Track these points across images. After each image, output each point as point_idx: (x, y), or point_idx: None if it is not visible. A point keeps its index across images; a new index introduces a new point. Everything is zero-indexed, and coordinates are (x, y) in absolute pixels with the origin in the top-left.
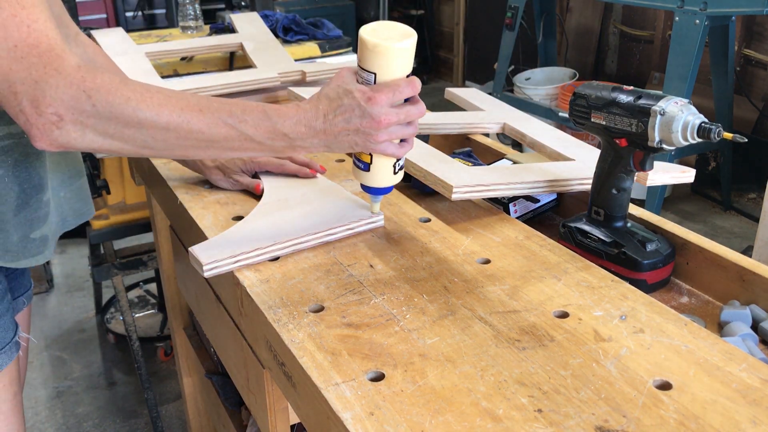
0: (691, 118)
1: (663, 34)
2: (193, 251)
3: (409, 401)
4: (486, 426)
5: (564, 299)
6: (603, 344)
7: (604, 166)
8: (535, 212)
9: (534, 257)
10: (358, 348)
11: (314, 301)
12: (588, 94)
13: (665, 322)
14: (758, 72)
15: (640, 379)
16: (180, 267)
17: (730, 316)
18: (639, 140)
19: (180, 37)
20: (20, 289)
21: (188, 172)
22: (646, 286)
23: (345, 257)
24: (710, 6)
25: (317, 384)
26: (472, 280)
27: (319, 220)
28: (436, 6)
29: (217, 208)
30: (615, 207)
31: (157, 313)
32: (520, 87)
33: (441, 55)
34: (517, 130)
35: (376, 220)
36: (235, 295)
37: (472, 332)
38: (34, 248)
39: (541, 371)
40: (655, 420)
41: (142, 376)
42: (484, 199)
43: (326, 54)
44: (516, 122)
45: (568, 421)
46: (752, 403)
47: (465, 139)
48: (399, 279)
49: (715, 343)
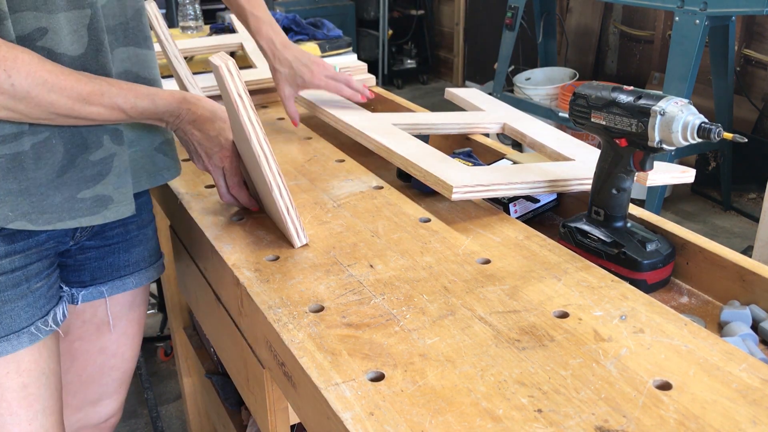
0: (691, 118)
1: (663, 34)
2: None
3: (409, 401)
4: (486, 426)
5: (564, 299)
6: (603, 344)
7: (604, 166)
8: (535, 212)
9: (534, 257)
10: (358, 348)
11: (314, 301)
12: (588, 94)
13: (665, 322)
14: (758, 72)
15: (640, 379)
16: (180, 267)
17: (730, 316)
18: (639, 140)
19: (180, 37)
20: (106, 274)
21: (188, 172)
22: (646, 286)
23: (345, 257)
24: (710, 6)
25: (317, 384)
26: (472, 280)
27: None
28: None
29: (217, 208)
30: (615, 207)
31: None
32: (520, 87)
33: (441, 55)
34: (517, 130)
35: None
36: (235, 295)
37: (472, 332)
38: (86, 208)
39: (541, 371)
40: (655, 420)
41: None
42: (484, 199)
43: (326, 54)
44: (516, 122)
45: (568, 421)
46: (752, 403)
47: (465, 139)
48: (399, 279)
49: (715, 343)
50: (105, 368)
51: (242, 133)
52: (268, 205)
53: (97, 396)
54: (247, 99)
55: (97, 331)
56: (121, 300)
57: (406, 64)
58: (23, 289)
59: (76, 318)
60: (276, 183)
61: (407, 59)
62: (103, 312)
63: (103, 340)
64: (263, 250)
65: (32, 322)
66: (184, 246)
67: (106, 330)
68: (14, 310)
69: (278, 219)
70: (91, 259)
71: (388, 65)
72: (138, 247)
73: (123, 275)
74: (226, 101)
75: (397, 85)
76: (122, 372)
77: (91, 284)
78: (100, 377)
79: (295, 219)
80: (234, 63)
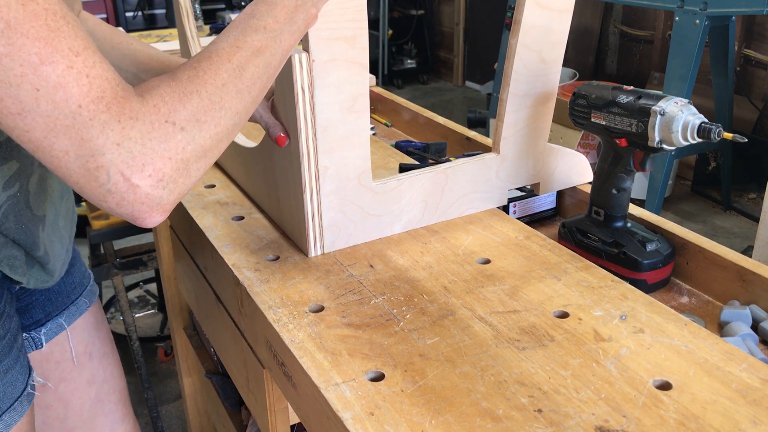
0: (691, 118)
1: (663, 34)
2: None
3: (409, 401)
4: (486, 426)
5: (564, 299)
6: (603, 344)
7: (604, 166)
8: (533, 217)
9: (534, 257)
10: (358, 348)
11: (314, 301)
12: (588, 94)
13: (665, 322)
14: (758, 72)
15: (640, 379)
16: (180, 267)
17: (730, 316)
18: (639, 140)
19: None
20: (58, 304)
21: None
22: (646, 286)
23: (345, 257)
24: (710, 6)
25: (317, 384)
26: (472, 280)
27: None
28: (436, 6)
29: (217, 208)
30: (615, 207)
31: (157, 313)
32: None
33: (441, 55)
34: None
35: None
36: (235, 295)
37: (472, 332)
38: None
39: (541, 371)
40: (655, 420)
41: (142, 376)
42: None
43: None
44: None
45: (568, 421)
46: (752, 403)
47: (465, 140)
48: (399, 279)
49: (715, 343)
50: (102, 396)
51: (294, 127)
52: (285, 207)
53: (108, 427)
54: (309, 95)
55: (77, 366)
56: (82, 325)
57: (406, 64)
58: (15, 352)
59: (47, 362)
60: (311, 185)
61: (407, 59)
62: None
63: (87, 371)
64: (263, 250)
65: (26, 383)
66: (184, 246)
67: (84, 360)
68: (14, 375)
69: (294, 222)
70: (37, 294)
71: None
72: (75, 266)
73: (74, 299)
74: (282, 92)
75: (397, 85)
76: (119, 392)
77: (47, 320)
78: (101, 407)
79: (317, 227)
80: (307, 56)
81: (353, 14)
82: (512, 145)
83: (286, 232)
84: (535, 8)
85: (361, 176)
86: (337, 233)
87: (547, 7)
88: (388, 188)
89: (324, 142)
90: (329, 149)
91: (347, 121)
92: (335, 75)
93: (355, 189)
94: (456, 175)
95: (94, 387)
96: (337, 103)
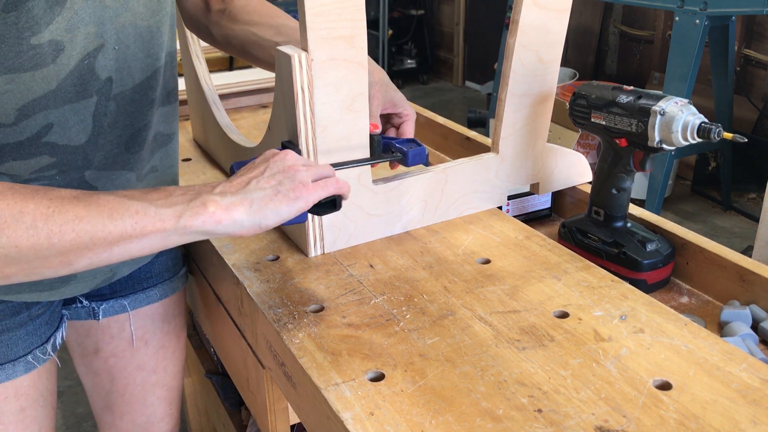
0: (691, 118)
1: (663, 34)
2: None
3: (409, 401)
4: (486, 426)
5: (564, 299)
6: (603, 344)
7: (604, 166)
8: (527, 216)
9: (534, 257)
10: (358, 348)
11: (314, 301)
12: (588, 94)
13: (665, 322)
14: (758, 72)
15: (640, 379)
16: None
17: (730, 316)
18: (639, 140)
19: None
20: (126, 286)
21: (187, 172)
22: (646, 286)
23: (345, 257)
24: (710, 6)
25: (317, 384)
26: (472, 280)
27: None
28: (436, 6)
29: None
30: (615, 207)
31: None
32: None
33: (441, 55)
34: None
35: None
36: (235, 295)
37: (472, 332)
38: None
39: (541, 371)
40: (655, 420)
41: None
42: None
43: None
44: None
45: (568, 421)
46: (752, 403)
47: (465, 139)
48: (399, 279)
49: (715, 343)
50: (147, 386)
51: (294, 127)
52: None
53: (145, 418)
54: (309, 95)
55: (130, 347)
56: (149, 313)
57: (406, 64)
58: (23, 318)
59: (103, 334)
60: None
61: (407, 59)
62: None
63: (140, 357)
64: (263, 250)
65: (30, 351)
66: (183, 246)
67: (140, 345)
68: (12, 339)
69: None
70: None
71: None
72: (161, 257)
73: (146, 287)
74: (282, 92)
75: (397, 85)
76: (168, 389)
77: (112, 297)
78: (144, 396)
79: (317, 227)
80: (307, 56)
81: (352, 13)
82: (511, 144)
83: (286, 232)
84: (533, 8)
85: (360, 176)
86: (336, 233)
87: (545, 7)
88: (387, 188)
89: (323, 142)
90: (329, 149)
91: (346, 120)
92: (334, 74)
93: (355, 189)
94: (455, 175)
95: (142, 374)
96: (336, 102)
